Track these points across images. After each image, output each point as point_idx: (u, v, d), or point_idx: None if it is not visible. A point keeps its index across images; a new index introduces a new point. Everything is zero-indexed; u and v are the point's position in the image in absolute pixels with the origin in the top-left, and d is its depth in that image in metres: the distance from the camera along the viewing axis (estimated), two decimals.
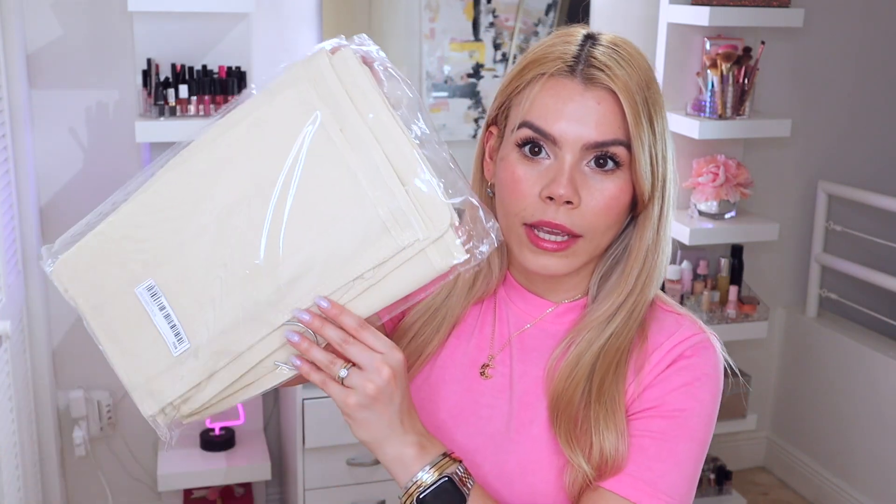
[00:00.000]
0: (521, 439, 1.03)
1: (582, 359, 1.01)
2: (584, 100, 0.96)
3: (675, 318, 1.04)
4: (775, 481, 3.14)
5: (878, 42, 2.97)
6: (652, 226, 1.01)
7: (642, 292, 1.03)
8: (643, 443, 0.98)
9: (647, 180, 0.98)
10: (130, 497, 2.67)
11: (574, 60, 0.98)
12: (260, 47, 2.46)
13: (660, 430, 0.98)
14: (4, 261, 2.08)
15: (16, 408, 2.13)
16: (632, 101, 0.96)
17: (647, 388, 1.00)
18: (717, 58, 2.56)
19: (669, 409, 0.98)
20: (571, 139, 0.96)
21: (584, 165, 0.97)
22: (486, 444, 1.05)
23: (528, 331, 1.07)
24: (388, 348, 0.89)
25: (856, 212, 2.99)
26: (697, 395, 0.99)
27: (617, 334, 1.01)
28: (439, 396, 1.09)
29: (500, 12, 2.66)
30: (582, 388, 1.00)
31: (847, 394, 2.85)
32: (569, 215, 0.97)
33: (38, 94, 2.35)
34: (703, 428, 1.00)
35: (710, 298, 2.75)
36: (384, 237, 0.86)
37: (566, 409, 1.00)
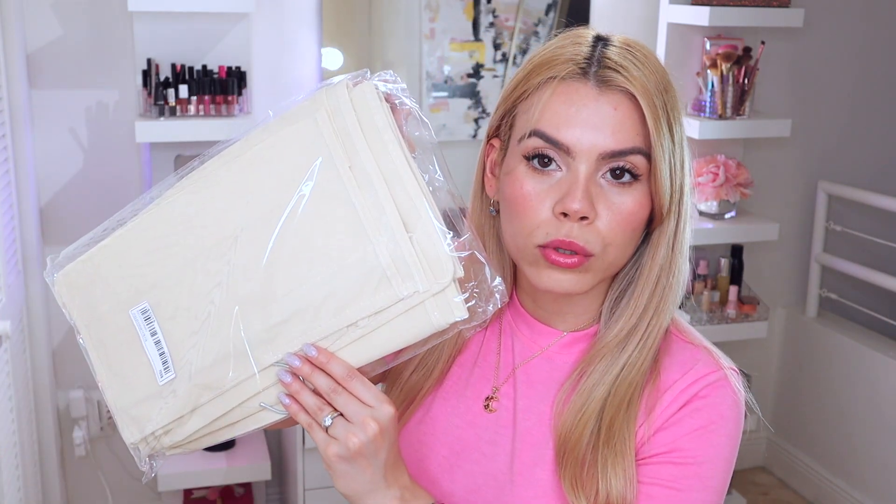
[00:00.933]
0: (523, 482, 0.96)
1: (592, 394, 0.93)
2: (598, 105, 0.88)
3: (691, 353, 0.96)
4: (775, 481, 3.14)
5: (878, 42, 2.97)
6: (667, 242, 0.94)
7: (656, 315, 0.94)
8: (652, 492, 0.91)
9: (666, 193, 0.91)
10: (130, 497, 2.67)
11: (586, 62, 0.90)
12: (260, 47, 2.46)
13: (671, 478, 0.91)
14: (4, 261, 2.08)
15: (16, 408, 2.12)
16: (651, 104, 0.88)
17: (659, 430, 0.92)
18: (717, 58, 2.56)
19: (681, 456, 0.91)
20: (586, 148, 0.88)
21: (599, 178, 0.89)
22: (487, 484, 0.98)
23: (534, 362, 1.00)
24: (378, 402, 0.84)
25: (856, 212, 2.99)
26: (712, 440, 0.92)
27: (630, 366, 0.93)
28: (441, 430, 1.03)
29: (500, 12, 2.66)
30: (591, 428, 0.92)
31: (847, 394, 2.85)
32: (583, 232, 0.88)
33: (38, 94, 2.35)
34: (717, 475, 0.92)
35: (710, 298, 2.75)
36: (383, 285, 0.81)
37: (573, 450, 0.93)
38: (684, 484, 0.91)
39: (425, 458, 1.02)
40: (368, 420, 0.83)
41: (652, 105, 0.88)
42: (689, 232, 0.97)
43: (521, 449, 0.97)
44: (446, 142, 2.71)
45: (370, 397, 0.84)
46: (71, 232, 2.46)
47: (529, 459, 0.96)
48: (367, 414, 0.83)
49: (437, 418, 1.03)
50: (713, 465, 0.92)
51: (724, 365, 0.95)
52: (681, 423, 0.92)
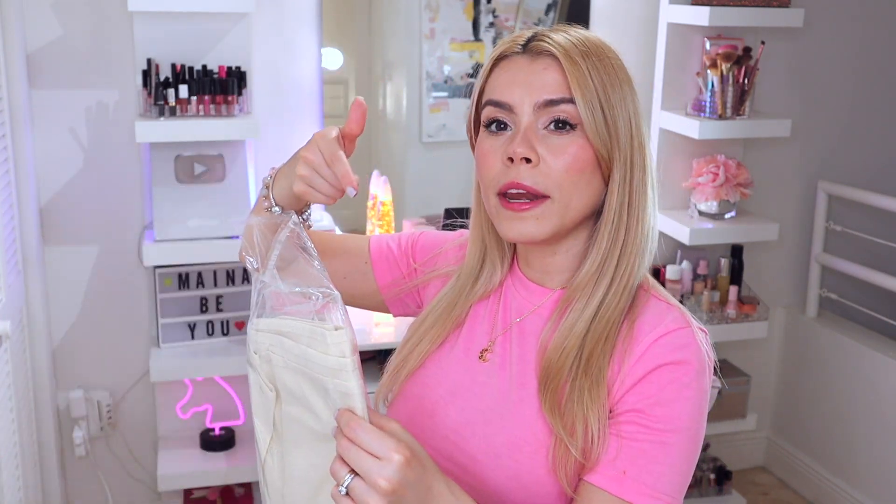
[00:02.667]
0: (511, 417, 1.05)
1: (573, 330, 1.04)
2: (532, 68, 1.04)
3: (664, 309, 1.06)
4: (775, 481, 3.14)
5: (878, 42, 2.97)
6: (619, 189, 1.04)
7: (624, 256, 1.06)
8: (640, 446, 0.99)
9: (601, 138, 1.01)
10: (130, 497, 2.67)
11: (526, 41, 1.06)
12: (260, 47, 2.46)
13: (657, 434, 0.99)
14: (4, 261, 2.08)
15: (16, 408, 2.13)
16: (572, 62, 1.02)
17: (638, 384, 1.00)
18: (717, 58, 2.56)
19: (663, 413, 0.99)
20: (524, 102, 1.02)
21: (542, 129, 1.02)
22: (476, 419, 1.08)
23: (529, 318, 1.11)
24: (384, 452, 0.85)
25: (856, 212, 2.99)
26: (687, 394, 1.00)
27: (606, 305, 1.04)
28: (442, 376, 1.13)
29: (500, 12, 2.66)
30: (572, 360, 1.03)
31: (847, 394, 2.85)
32: (531, 174, 1.01)
33: (38, 94, 2.35)
34: (694, 427, 1.01)
35: (710, 298, 2.75)
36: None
37: (555, 378, 1.02)
38: (668, 437, 0.99)
39: (424, 398, 1.13)
40: (379, 480, 0.84)
41: (573, 62, 1.02)
42: (649, 188, 1.08)
43: (512, 389, 1.07)
44: (446, 142, 2.71)
45: (376, 448, 0.85)
46: (71, 232, 2.46)
47: (517, 398, 1.06)
48: (376, 472, 0.84)
49: (436, 366, 1.14)
50: (691, 418, 1.01)
51: (693, 323, 1.05)
52: (658, 381, 1.00)
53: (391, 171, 2.64)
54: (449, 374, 1.13)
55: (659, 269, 2.79)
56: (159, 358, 2.35)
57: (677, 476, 1.00)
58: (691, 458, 1.02)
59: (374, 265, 1.26)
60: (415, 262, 1.25)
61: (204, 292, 2.42)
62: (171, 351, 2.39)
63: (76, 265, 2.48)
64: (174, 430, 2.59)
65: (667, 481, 0.99)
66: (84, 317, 2.52)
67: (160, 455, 2.49)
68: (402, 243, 1.27)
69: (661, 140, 2.74)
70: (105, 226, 2.48)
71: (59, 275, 2.47)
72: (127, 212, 2.48)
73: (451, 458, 1.07)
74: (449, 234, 1.27)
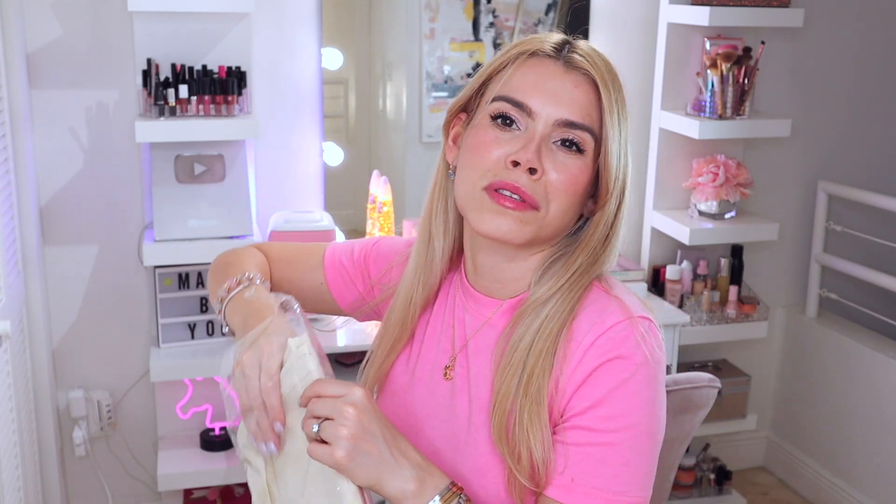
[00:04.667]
0: (474, 443, 1.05)
1: (518, 347, 1.02)
2: (563, 80, 1.01)
3: (603, 303, 1.03)
4: (775, 481, 3.14)
5: (878, 42, 2.97)
6: (606, 222, 1.04)
7: (579, 280, 1.04)
8: (587, 451, 0.97)
9: (613, 170, 1.02)
10: (130, 497, 2.67)
11: (558, 44, 1.04)
12: (260, 47, 2.46)
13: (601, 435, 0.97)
14: (4, 261, 2.08)
15: (16, 408, 2.13)
16: (607, 90, 1.01)
17: (579, 388, 0.99)
18: (717, 58, 2.56)
19: (606, 414, 0.98)
20: (546, 113, 1.00)
21: (550, 142, 1.01)
22: (444, 446, 1.07)
23: (481, 332, 1.09)
24: (345, 389, 0.93)
25: (856, 212, 2.99)
26: (631, 389, 0.98)
27: (550, 318, 1.02)
28: (413, 396, 1.13)
29: (500, 12, 2.66)
30: (516, 380, 1.01)
31: (847, 394, 2.85)
32: (530, 183, 1.00)
33: (38, 94, 2.35)
34: (645, 420, 0.98)
35: (710, 298, 2.75)
36: None
37: (502, 402, 1.01)
38: (614, 438, 0.97)
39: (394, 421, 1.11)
40: (343, 407, 0.91)
41: (608, 91, 1.01)
42: (624, 223, 1.07)
43: (472, 412, 1.06)
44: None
45: (336, 389, 0.93)
46: (71, 232, 2.46)
47: (479, 421, 1.05)
48: (340, 403, 0.92)
49: (402, 386, 1.15)
50: (639, 413, 0.98)
51: (634, 314, 1.01)
52: (600, 382, 0.98)
53: (391, 171, 2.64)
54: (416, 397, 1.12)
55: (659, 269, 2.79)
56: (159, 358, 2.35)
57: (634, 473, 0.97)
58: (649, 452, 0.99)
59: (330, 287, 1.25)
60: (371, 279, 1.24)
61: (204, 292, 2.42)
62: (171, 351, 2.39)
63: (76, 265, 2.48)
64: (174, 430, 2.59)
65: (621, 481, 0.97)
66: (84, 317, 2.52)
67: (160, 455, 2.49)
68: (355, 257, 1.25)
69: (661, 140, 2.74)
70: (105, 226, 2.48)
71: (59, 275, 2.47)
72: (127, 212, 2.48)
73: None
74: (402, 242, 1.25)
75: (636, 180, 2.82)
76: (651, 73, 2.73)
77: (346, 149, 2.63)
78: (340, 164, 2.62)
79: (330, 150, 2.60)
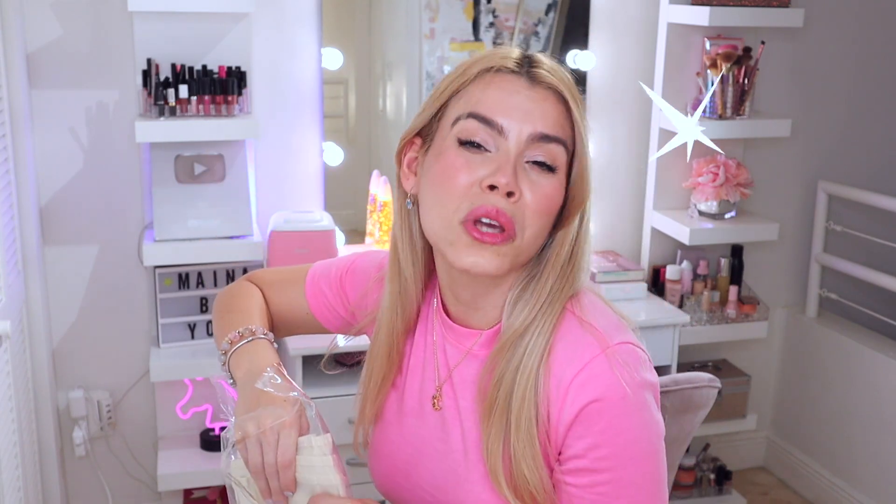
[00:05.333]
0: (472, 479, 1.04)
1: (500, 388, 1.00)
2: (530, 94, 0.98)
3: (577, 335, 1.00)
4: (775, 481, 3.14)
5: (878, 42, 2.97)
6: (570, 240, 1.01)
7: (553, 304, 1.01)
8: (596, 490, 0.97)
9: (576, 185, 1.00)
10: (130, 497, 2.67)
11: (520, 59, 1.00)
12: (260, 47, 2.46)
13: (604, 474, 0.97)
14: (4, 261, 2.08)
15: (16, 408, 2.12)
16: (576, 102, 1.00)
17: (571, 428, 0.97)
18: (717, 58, 2.56)
19: (603, 454, 0.97)
20: (517, 129, 0.96)
21: (524, 162, 0.97)
22: (447, 478, 1.06)
23: (464, 363, 1.07)
24: None
25: (856, 212, 2.99)
26: (623, 425, 0.96)
27: (529, 352, 0.99)
28: (405, 426, 1.12)
29: (500, 12, 2.66)
30: (504, 422, 0.99)
31: (847, 394, 2.85)
32: (510, 206, 0.96)
33: (38, 94, 2.35)
34: (644, 447, 0.98)
35: (710, 298, 2.75)
36: None
37: (493, 446, 1.00)
38: (617, 476, 0.96)
39: (394, 456, 1.13)
40: None
41: (576, 103, 0.99)
42: (590, 231, 1.04)
43: (468, 448, 1.05)
44: None
45: None
46: (71, 232, 2.46)
47: (475, 458, 1.04)
48: None
49: (394, 415, 1.14)
50: (637, 447, 0.97)
51: (610, 343, 0.98)
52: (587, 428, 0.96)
53: (391, 171, 2.64)
54: (411, 430, 1.12)
55: (659, 269, 2.79)
56: (159, 358, 2.35)
57: (646, 495, 0.98)
58: (655, 472, 0.99)
59: (315, 315, 1.26)
60: (350, 304, 1.23)
61: (204, 292, 2.42)
62: (171, 351, 2.39)
63: (76, 265, 2.48)
64: (174, 430, 2.59)
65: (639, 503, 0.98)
66: (84, 317, 2.52)
67: (160, 455, 2.49)
68: (333, 284, 1.24)
69: (661, 140, 2.73)
70: (105, 226, 2.48)
71: (59, 275, 2.47)
72: (127, 212, 2.48)
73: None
74: (373, 261, 1.23)
75: (636, 180, 2.83)
76: (651, 73, 2.73)
77: (346, 149, 2.63)
78: (340, 164, 2.62)
79: (330, 150, 2.60)
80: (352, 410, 1.20)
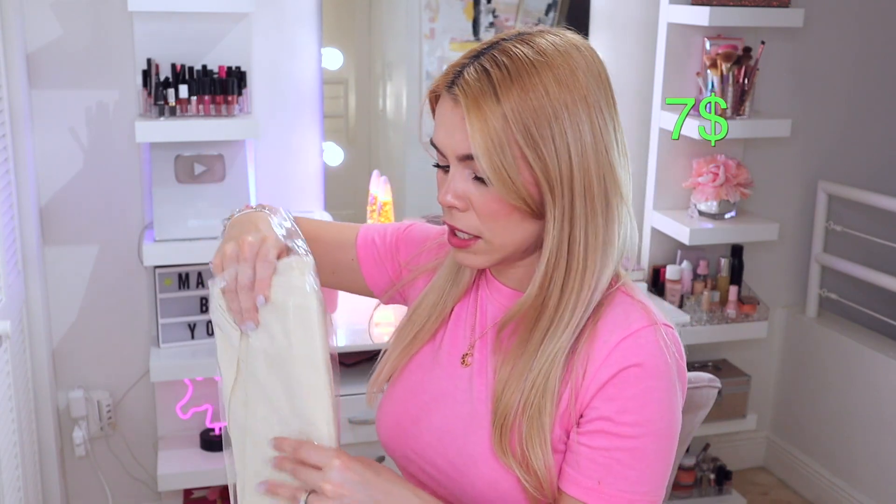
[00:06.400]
0: (488, 425, 1.06)
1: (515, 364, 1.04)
2: (452, 114, 1.00)
3: (628, 307, 1.04)
4: (775, 481, 3.14)
5: (878, 42, 2.97)
6: (555, 228, 0.99)
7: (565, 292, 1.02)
8: (614, 455, 1.00)
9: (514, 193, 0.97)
10: (130, 497, 2.67)
11: (454, 76, 1.02)
12: (260, 47, 2.46)
13: (627, 441, 1.00)
14: (4, 261, 2.08)
15: (16, 408, 2.13)
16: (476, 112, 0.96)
17: (603, 388, 1.00)
18: (717, 58, 2.56)
19: (632, 420, 1.00)
20: (450, 150, 1.01)
21: (469, 177, 1.01)
22: (457, 427, 1.09)
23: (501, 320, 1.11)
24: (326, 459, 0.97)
25: (856, 212, 2.99)
26: (655, 396, 1.00)
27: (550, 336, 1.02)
28: (427, 381, 1.15)
29: (500, 12, 2.66)
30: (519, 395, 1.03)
31: (847, 394, 2.85)
32: (460, 218, 1.03)
33: (38, 94, 2.35)
34: (666, 425, 1.01)
35: (710, 298, 2.75)
36: None
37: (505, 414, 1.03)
38: (638, 444, 1.00)
39: (409, 402, 1.15)
40: (323, 486, 0.96)
41: (477, 113, 0.96)
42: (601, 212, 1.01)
43: (489, 399, 1.07)
44: None
45: (317, 458, 0.97)
46: (71, 232, 2.46)
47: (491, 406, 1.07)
48: (320, 479, 0.96)
49: (422, 370, 1.16)
50: (660, 420, 1.00)
51: (658, 320, 1.03)
52: (621, 389, 1.00)
53: (391, 171, 2.64)
54: (433, 379, 1.14)
55: (659, 269, 2.79)
56: (159, 358, 2.35)
57: (656, 474, 1.01)
58: (668, 453, 1.03)
59: (361, 266, 1.26)
60: (401, 261, 1.25)
61: (204, 292, 2.42)
62: (171, 351, 2.39)
63: (76, 265, 2.48)
64: (174, 430, 2.59)
65: (645, 482, 1.01)
66: (84, 317, 2.52)
67: (160, 455, 2.49)
68: (387, 240, 1.26)
69: (661, 140, 2.74)
70: (105, 226, 2.48)
71: (59, 275, 2.47)
72: (127, 212, 2.48)
73: (433, 463, 1.10)
74: (434, 229, 1.27)
75: (636, 181, 2.83)
76: (651, 73, 2.73)
77: (346, 149, 2.63)
78: (340, 164, 2.62)
79: (330, 150, 2.60)
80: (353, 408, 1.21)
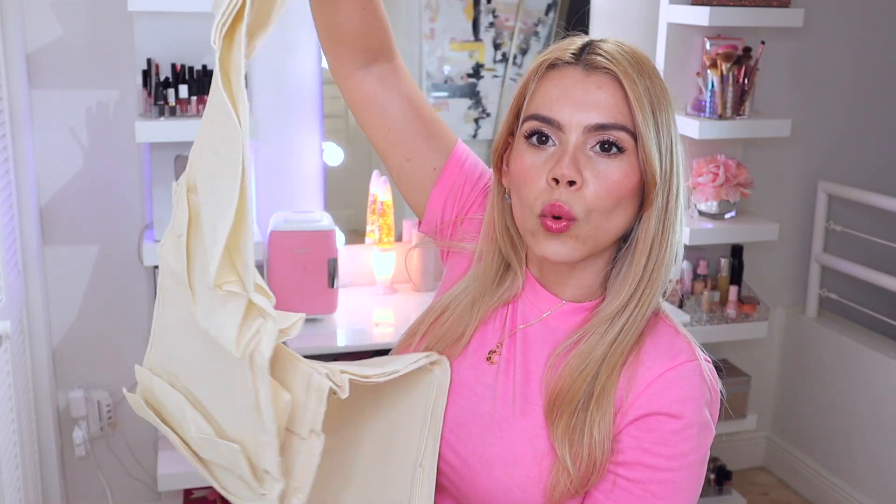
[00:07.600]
0: (512, 430, 1.04)
1: (591, 356, 1.02)
2: (585, 85, 0.99)
3: (671, 337, 1.04)
4: (775, 481, 3.14)
5: (878, 42, 2.97)
6: (657, 217, 1.01)
7: (650, 285, 1.03)
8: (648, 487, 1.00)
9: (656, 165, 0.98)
10: (130, 497, 2.67)
11: (578, 50, 1.02)
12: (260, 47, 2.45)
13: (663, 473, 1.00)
14: (4, 261, 2.08)
15: (16, 408, 2.13)
16: (633, 83, 0.98)
17: (642, 418, 1.00)
18: (717, 58, 2.56)
19: (670, 454, 1.00)
20: (574, 122, 0.98)
21: (589, 150, 0.99)
22: (474, 422, 1.07)
23: (534, 326, 1.09)
24: None
25: (856, 212, 2.99)
26: (691, 433, 1.00)
27: (626, 331, 1.02)
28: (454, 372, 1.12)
29: (500, 12, 2.66)
30: (586, 387, 1.01)
31: (847, 394, 2.85)
32: (570, 196, 0.98)
33: (38, 94, 2.35)
34: (698, 460, 1.02)
35: (710, 298, 2.75)
36: None
37: (569, 404, 1.01)
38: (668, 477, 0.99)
39: None
40: None
41: (633, 84, 0.98)
42: (680, 216, 1.04)
43: (515, 399, 1.06)
44: None
45: None
46: (71, 232, 2.46)
47: (518, 410, 1.05)
48: None
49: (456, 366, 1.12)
50: (694, 456, 1.01)
51: (700, 356, 1.04)
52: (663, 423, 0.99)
53: None
54: (456, 369, 1.11)
55: None
56: None
57: (688, 500, 1.02)
58: (699, 483, 1.03)
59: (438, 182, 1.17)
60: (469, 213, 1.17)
61: None
62: None
63: (76, 265, 2.48)
64: None
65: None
66: (84, 317, 2.52)
67: (160, 455, 2.49)
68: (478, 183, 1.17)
69: None
70: (105, 226, 2.48)
71: (59, 275, 2.47)
72: (127, 212, 2.48)
73: (443, 457, 1.08)
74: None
75: None
76: None
77: (346, 149, 2.63)
78: (340, 164, 2.62)
79: (330, 150, 2.60)
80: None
